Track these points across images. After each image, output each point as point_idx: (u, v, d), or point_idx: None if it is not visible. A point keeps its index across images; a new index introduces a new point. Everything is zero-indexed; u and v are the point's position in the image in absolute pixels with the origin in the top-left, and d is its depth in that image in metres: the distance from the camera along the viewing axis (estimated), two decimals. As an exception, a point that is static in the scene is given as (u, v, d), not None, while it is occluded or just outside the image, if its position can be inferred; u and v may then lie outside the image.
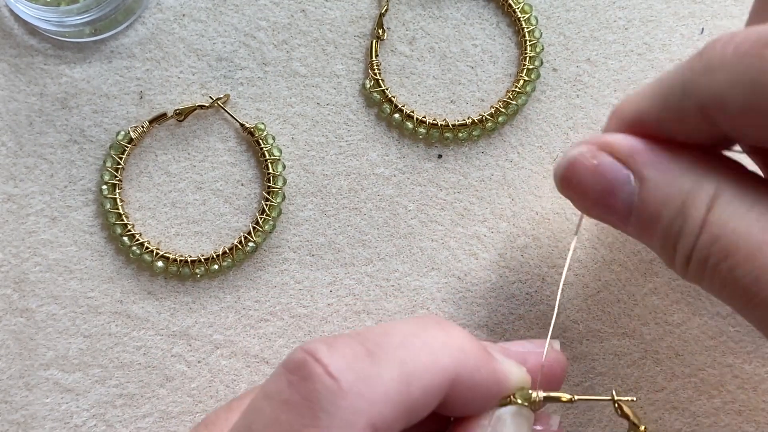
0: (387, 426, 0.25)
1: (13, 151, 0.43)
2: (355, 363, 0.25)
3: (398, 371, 0.25)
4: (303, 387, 0.25)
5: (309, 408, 0.24)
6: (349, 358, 0.25)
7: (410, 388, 0.25)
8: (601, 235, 0.43)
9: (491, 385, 0.28)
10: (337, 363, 0.25)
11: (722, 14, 0.45)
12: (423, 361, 0.26)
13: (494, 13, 0.45)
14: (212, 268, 0.43)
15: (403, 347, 0.26)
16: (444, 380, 0.26)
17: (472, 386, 0.27)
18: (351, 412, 0.24)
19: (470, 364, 0.27)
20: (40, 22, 0.42)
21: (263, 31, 0.44)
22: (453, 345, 0.27)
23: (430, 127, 0.43)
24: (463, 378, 0.27)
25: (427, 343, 0.27)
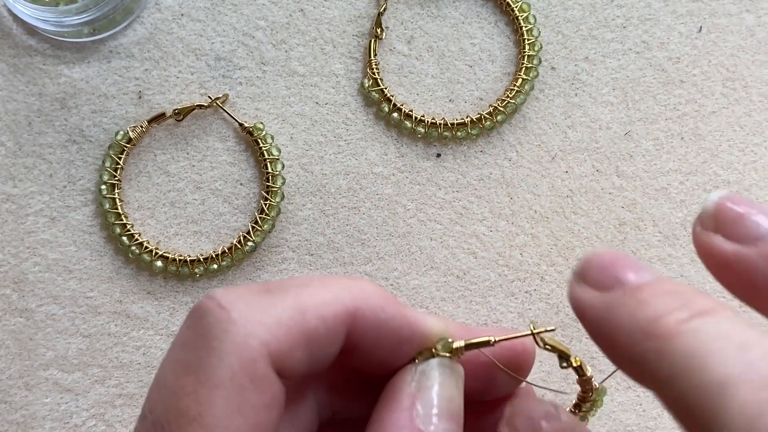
0: (283, 351, 0.25)
1: (12, 151, 0.43)
2: (249, 296, 0.25)
3: (292, 302, 0.26)
4: (198, 324, 0.25)
5: (203, 341, 0.25)
6: (244, 292, 0.26)
7: (306, 316, 0.25)
8: (600, 233, 0.43)
9: (401, 328, 0.27)
10: (229, 296, 0.25)
11: (720, 12, 0.45)
12: (320, 293, 0.26)
13: (492, 12, 0.45)
14: (211, 268, 0.43)
15: (301, 286, 0.26)
16: (341, 311, 0.26)
17: (378, 325, 0.27)
18: (242, 336, 0.24)
19: (372, 301, 0.27)
20: (39, 22, 0.42)
21: (262, 31, 0.44)
22: (354, 285, 0.27)
23: (429, 126, 0.43)
24: (366, 314, 0.27)
25: (327, 284, 0.27)
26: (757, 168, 0.44)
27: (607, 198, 0.44)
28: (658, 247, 0.43)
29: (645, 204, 0.44)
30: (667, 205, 0.44)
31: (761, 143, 0.44)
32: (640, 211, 0.44)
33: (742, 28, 0.44)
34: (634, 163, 0.44)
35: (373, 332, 0.27)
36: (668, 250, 0.43)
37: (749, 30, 0.44)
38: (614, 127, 0.44)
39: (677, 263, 0.43)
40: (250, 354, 0.24)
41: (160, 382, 0.25)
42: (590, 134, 0.44)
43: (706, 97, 0.44)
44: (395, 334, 0.27)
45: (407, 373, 0.28)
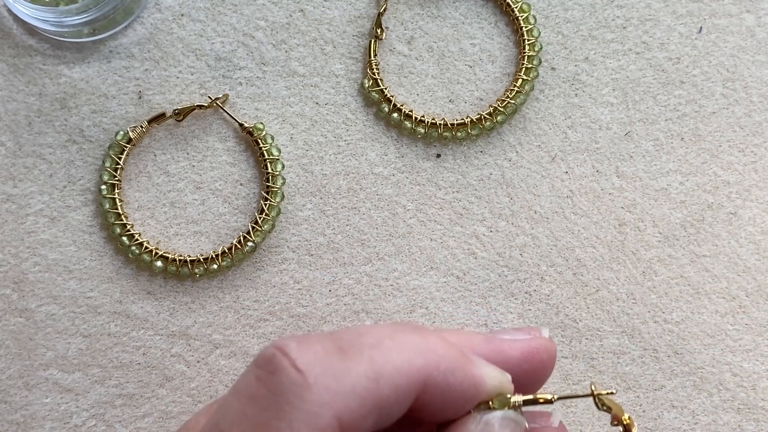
0: (354, 421, 0.24)
1: (12, 151, 0.43)
2: (324, 358, 0.25)
3: (367, 368, 0.25)
4: (270, 381, 0.24)
5: (274, 401, 0.24)
6: (318, 353, 0.25)
7: (379, 384, 0.25)
8: (600, 233, 0.43)
9: (467, 388, 0.28)
10: (305, 357, 0.25)
11: (720, 13, 0.45)
12: (394, 359, 0.26)
13: (492, 12, 0.45)
14: (211, 268, 0.43)
15: (374, 346, 0.26)
16: (415, 380, 0.26)
17: (446, 388, 0.27)
18: (316, 405, 0.24)
19: (444, 366, 0.27)
20: (39, 22, 0.42)
21: (262, 31, 0.44)
22: (426, 347, 0.27)
23: (429, 126, 0.43)
24: (436, 379, 0.27)
25: (400, 344, 0.26)
26: (757, 168, 0.44)
27: (607, 198, 0.44)
28: (657, 247, 0.43)
29: (645, 204, 0.44)
30: (667, 205, 0.44)
31: (761, 144, 0.44)
32: (640, 211, 0.44)
33: (743, 28, 0.44)
34: (634, 163, 0.44)
35: (441, 395, 0.27)
36: (668, 251, 0.43)
37: (749, 30, 0.44)
38: (614, 128, 0.44)
39: (677, 264, 0.43)
40: (321, 425, 0.24)
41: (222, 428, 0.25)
42: (590, 135, 0.44)
43: (706, 98, 0.44)
44: (461, 392, 0.28)
45: (470, 422, 0.28)
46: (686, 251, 0.43)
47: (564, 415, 0.43)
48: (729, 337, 0.43)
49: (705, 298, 0.43)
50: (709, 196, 0.44)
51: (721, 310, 0.43)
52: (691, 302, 0.43)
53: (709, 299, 0.43)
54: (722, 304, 0.43)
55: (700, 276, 0.43)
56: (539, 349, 0.31)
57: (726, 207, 0.44)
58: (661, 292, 0.43)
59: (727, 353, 0.43)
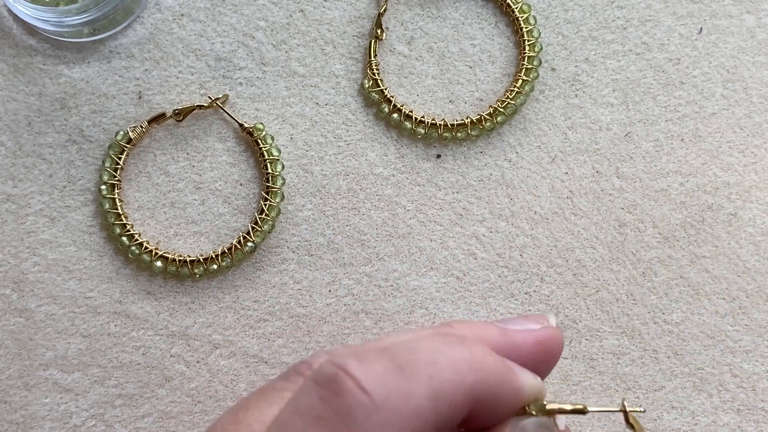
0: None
1: (12, 151, 0.43)
2: (387, 378, 0.25)
3: (427, 388, 0.26)
4: (336, 402, 0.25)
5: (343, 423, 0.24)
6: (381, 373, 0.25)
7: (438, 404, 0.26)
8: (599, 234, 0.43)
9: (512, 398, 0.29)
10: (369, 377, 0.25)
11: (721, 14, 0.45)
12: (450, 379, 0.26)
13: (493, 12, 0.45)
14: (211, 268, 0.43)
15: (431, 365, 0.26)
16: (469, 398, 0.27)
17: (494, 402, 0.28)
18: (384, 427, 0.24)
19: (492, 380, 0.28)
20: (39, 22, 0.42)
21: (262, 31, 0.44)
22: (477, 364, 0.28)
23: (429, 126, 0.43)
24: (486, 394, 0.27)
25: (453, 361, 0.27)
26: (757, 169, 0.44)
27: (607, 199, 0.44)
28: (657, 248, 0.43)
29: (645, 205, 0.44)
30: (667, 206, 0.44)
31: (761, 145, 0.44)
32: (640, 212, 0.44)
33: (743, 29, 0.44)
34: (634, 164, 0.44)
35: (488, 408, 0.28)
36: (668, 252, 0.43)
37: (749, 31, 0.44)
38: (614, 129, 0.44)
39: (677, 264, 0.43)
40: None
41: None
42: (590, 135, 0.44)
43: (707, 99, 0.44)
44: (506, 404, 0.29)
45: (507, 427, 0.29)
46: (686, 252, 0.43)
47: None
48: (729, 338, 0.43)
49: (705, 299, 0.43)
50: (709, 197, 0.44)
51: (721, 311, 0.43)
52: (691, 303, 0.43)
53: (709, 300, 0.43)
54: (722, 305, 0.43)
55: (700, 277, 0.43)
56: (550, 340, 0.32)
57: (726, 208, 0.44)
58: (661, 293, 0.43)
59: (727, 354, 0.43)
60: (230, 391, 0.43)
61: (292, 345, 0.43)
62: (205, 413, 0.42)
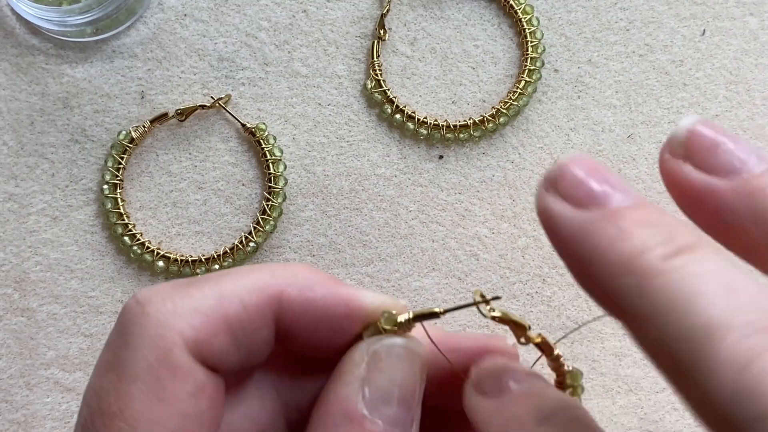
0: (203, 338, 0.24)
1: (14, 150, 0.43)
2: (166, 290, 0.25)
3: (210, 291, 0.25)
4: (118, 324, 0.25)
5: (120, 337, 0.25)
6: (163, 287, 0.25)
7: (223, 302, 0.25)
8: (602, 236, 0.43)
9: (335, 306, 0.26)
10: (147, 293, 0.25)
11: (724, 15, 0.45)
12: (240, 280, 0.25)
13: (496, 14, 0.45)
14: (213, 268, 0.43)
15: (223, 275, 0.26)
16: (264, 295, 0.25)
17: (308, 306, 0.26)
18: (155, 328, 0.24)
19: (300, 283, 0.26)
20: (42, 21, 0.42)
21: (265, 32, 0.44)
22: (282, 270, 0.26)
23: (432, 127, 0.43)
24: (292, 296, 0.25)
25: (252, 270, 0.26)
26: (759, 171, 0.44)
27: (609, 201, 0.44)
28: (660, 250, 0.43)
29: (647, 207, 0.44)
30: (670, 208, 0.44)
31: (764, 147, 0.44)
32: (642, 214, 0.43)
33: (746, 31, 0.44)
34: (636, 166, 0.44)
35: (303, 314, 0.26)
36: (670, 254, 0.43)
37: (752, 33, 0.44)
38: (617, 130, 0.44)
39: (679, 266, 0.43)
40: (164, 344, 0.24)
41: (89, 385, 0.25)
42: (593, 137, 0.44)
43: (709, 101, 0.44)
44: (329, 312, 0.26)
45: (357, 351, 0.26)
46: (688, 254, 0.43)
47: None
48: (731, 340, 0.43)
49: (707, 301, 0.43)
50: (712, 199, 0.44)
51: (723, 313, 0.43)
52: (693, 305, 0.43)
53: (711, 302, 0.43)
54: (724, 307, 0.43)
55: (702, 279, 0.43)
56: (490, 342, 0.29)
57: (728, 210, 0.44)
58: (663, 295, 0.43)
59: (729, 356, 0.43)
60: (232, 392, 0.43)
61: (294, 345, 0.43)
62: (206, 413, 0.42)
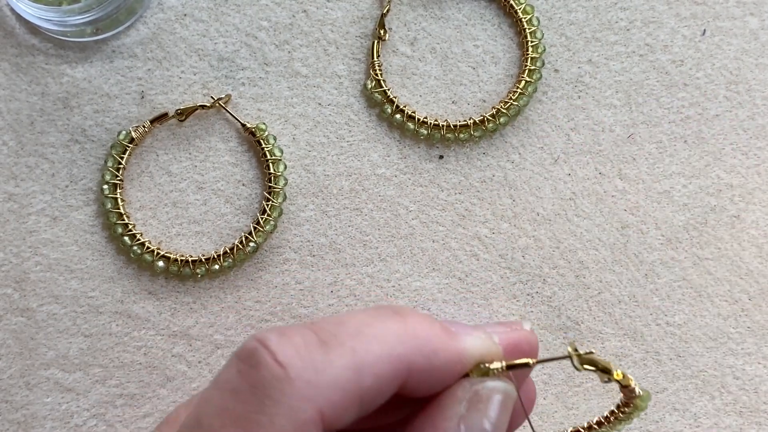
0: (337, 414, 0.25)
1: (14, 150, 0.43)
2: (305, 351, 0.25)
3: (349, 360, 0.25)
4: (251, 375, 0.24)
5: (256, 395, 0.24)
6: (300, 346, 0.25)
7: (361, 376, 0.25)
8: (602, 236, 0.43)
9: (452, 365, 0.27)
10: (286, 351, 0.25)
11: (724, 15, 0.45)
12: (375, 350, 0.26)
13: (496, 14, 0.45)
14: (213, 268, 0.43)
15: (355, 336, 0.26)
16: (398, 369, 0.26)
17: (431, 369, 0.27)
18: (298, 399, 0.24)
19: (427, 349, 0.27)
20: (42, 21, 0.42)
21: (265, 32, 0.44)
22: (408, 333, 0.27)
23: (432, 127, 0.43)
24: (420, 364, 0.26)
25: (381, 333, 0.26)
26: (760, 171, 0.44)
27: (609, 201, 0.44)
28: (660, 250, 0.43)
29: (648, 207, 0.44)
30: (670, 208, 0.44)
31: (764, 146, 0.44)
32: (642, 214, 0.43)
33: (746, 31, 0.44)
34: (636, 166, 0.44)
35: (426, 377, 0.27)
36: (671, 254, 0.43)
37: (753, 33, 0.44)
38: (617, 130, 0.44)
39: (680, 266, 0.43)
40: (303, 419, 0.24)
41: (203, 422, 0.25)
42: (593, 137, 0.44)
43: (710, 101, 0.44)
44: (446, 371, 0.27)
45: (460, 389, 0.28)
46: (689, 254, 0.43)
47: (558, 407, 0.43)
48: (731, 340, 0.43)
49: (707, 301, 0.43)
50: (712, 199, 0.44)
51: (724, 313, 0.43)
52: (694, 305, 0.43)
53: (712, 302, 0.43)
54: (725, 307, 0.43)
55: (702, 279, 0.43)
56: (520, 341, 0.31)
57: (729, 210, 0.44)
58: (664, 295, 0.43)
59: (729, 356, 0.43)
60: (232, 392, 0.43)
61: (294, 345, 0.43)
62: (206, 413, 0.42)
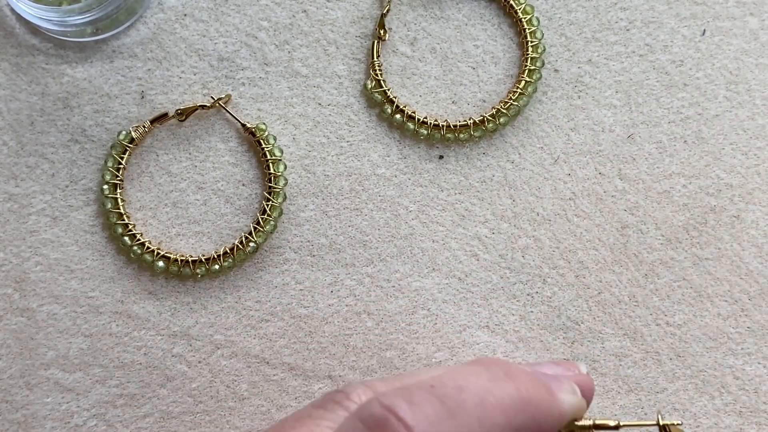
0: None
1: (14, 150, 0.43)
2: (437, 422, 0.25)
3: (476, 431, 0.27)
4: None
5: None
6: (431, 416, 0.25)
7: None
8: (602, 235, 0.43)
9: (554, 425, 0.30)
10: (420, 423, 0.25)
11: (724, 15, 0.45)
12: (497, 421, 0.27)
13: (496, 14, 0.45)
14: (213, 268, 0.43)
15: (479, 407, 0.27)
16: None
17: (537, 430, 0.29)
18: None
19: (539, 416, 0.29)
20: (42, 21, 0.42)
21: (265, 32, 0.44)
22: (523, 399, 0.28)
23: (432, 127, 0.43)
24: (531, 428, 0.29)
25: (501, 401, 0.28)
26: (760, 171, 0.44)
27: (609, 201, 0.44)
28: (660, 250, 0.43)
29: (647, 207, 0.44)
30: (670, 208, 0.44)
31: (764, 147, 0.44)
32: (642, 214, 0.43)
33: (746, 31, 0.44)
34: (636, 166, 0.44)
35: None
36: (671, 254, 0.43)
37: (753, 33, 0.44)
38: (617, 130, 0.44)
39: (679, 267, 0.43)
40: None
41: None
42: (593, 137, 0.44)
43: (710, 101, 0.44)
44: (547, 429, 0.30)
45: None
46: (689, 254, 0.43)
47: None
48: (731, 341, 0.43)
49: (707, 301, 0.43)
50: (712, 199, 0.44)
51: (724, 313, 0.43)
52: (694, 305, 0.43)
53: (712, 302, 0.43)
54: (724, 307, 0.43)
55: (702, 279, 0.43)
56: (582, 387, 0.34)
57: (729, 210, 0.44)
58: (664, 295, 0.43)
59: (729, 356, 0.43)
60: (232, 392, 0.43)
61: (294, 346, 0.43)
62: (206, 413, 0.42)
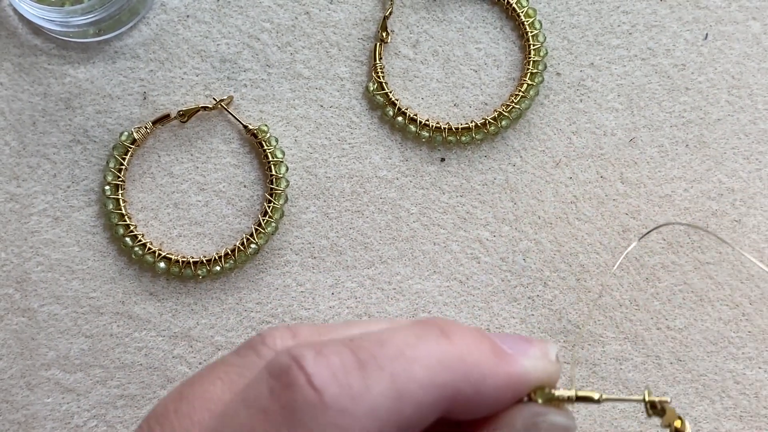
0: None
1: (16, 150, 0.43)
2: (342, 374, 0.23)
3: (389, 386, 0.23)
4: (284, 396, 0.23)
5: (287, 419, 0.23)
6: (337, 368, 0.23)
7: (401, 404, 0.24)
8: (603, 239, 0.43)
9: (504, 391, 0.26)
10: (322, 373, 0.23)
11: (726, 20, 0.45)
12: (418, 376, 0.24)
13: (498, 17, 0.45)
14: (214, 270, 0.43)
15: (396, 360, 0.24)
16: (440, 396, 0.24)
17: (479, 396, 0.25)
18: (332, 428, 0.23)
19: (475, 376, 0.25)
20: (45, 22, 0.42)
21: (267, 33, 0.44)
22: (454, 357, 0.25)
23: (434, 130, 0.43)
24: (467, 391, 0.25)
25: (425, 356, 0.24)
26: (761, 176, 0.44)
27: (611, 204, 0.44)
28: (661, 254, 0.43)
29: (649, 211, 0.44)
30: (671, 212, 0.44)
31: (766, 151, 0.44)
32: (644, 218, 0.44)
33: (748, 35, 0.44)
34: (638, 169, 0.44)
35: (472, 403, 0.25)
36: (672, 258, 0.43)
37: (755, 38, 0.44)
38: (619, 134, 0.44)
39: (680, 270, 0.43)
40: None
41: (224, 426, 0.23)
42: (595, 140, 0.44)
43: (712, 105, 0.44)
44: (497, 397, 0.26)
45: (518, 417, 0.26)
46: (690, 258, 0.43)
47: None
48: (732, 345, 0.43)
49: (708, 306, 0.43)
50: (714, 204, 0.44)
51: (725, 317, 0.43)
52: (695, 309, 0.43)
53: (713, 306, 0.43)
54: (725, 312, 0.43)
55: (703, 283, 0.43)
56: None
57: (730, 214, 0.44)
58: (665, 299, 0.43)
59: (730, 361, 0.43)
60: (232, 393, 0.43)
61: (295, 347, 0.43)
62: (206, 415, 0.42)
